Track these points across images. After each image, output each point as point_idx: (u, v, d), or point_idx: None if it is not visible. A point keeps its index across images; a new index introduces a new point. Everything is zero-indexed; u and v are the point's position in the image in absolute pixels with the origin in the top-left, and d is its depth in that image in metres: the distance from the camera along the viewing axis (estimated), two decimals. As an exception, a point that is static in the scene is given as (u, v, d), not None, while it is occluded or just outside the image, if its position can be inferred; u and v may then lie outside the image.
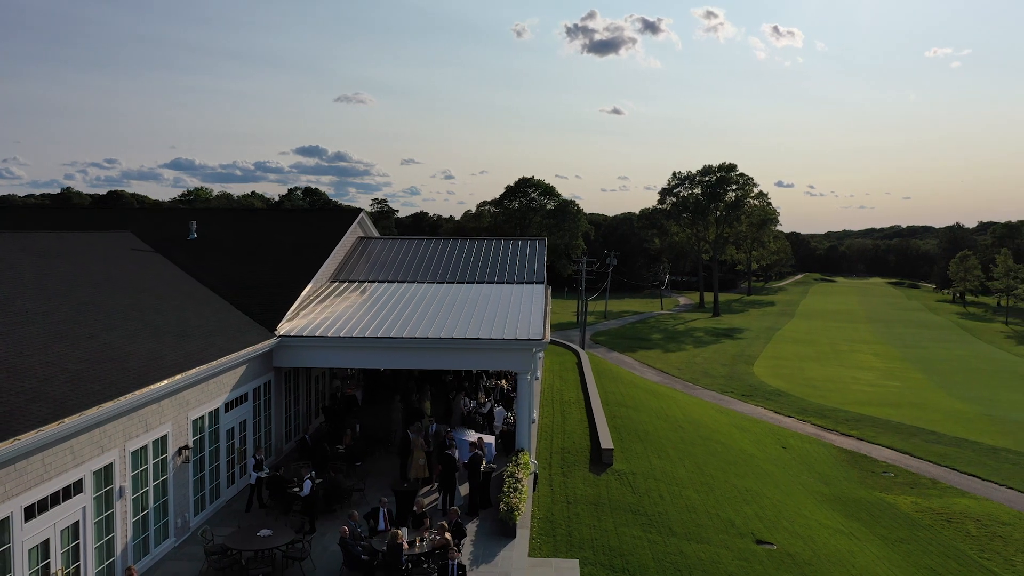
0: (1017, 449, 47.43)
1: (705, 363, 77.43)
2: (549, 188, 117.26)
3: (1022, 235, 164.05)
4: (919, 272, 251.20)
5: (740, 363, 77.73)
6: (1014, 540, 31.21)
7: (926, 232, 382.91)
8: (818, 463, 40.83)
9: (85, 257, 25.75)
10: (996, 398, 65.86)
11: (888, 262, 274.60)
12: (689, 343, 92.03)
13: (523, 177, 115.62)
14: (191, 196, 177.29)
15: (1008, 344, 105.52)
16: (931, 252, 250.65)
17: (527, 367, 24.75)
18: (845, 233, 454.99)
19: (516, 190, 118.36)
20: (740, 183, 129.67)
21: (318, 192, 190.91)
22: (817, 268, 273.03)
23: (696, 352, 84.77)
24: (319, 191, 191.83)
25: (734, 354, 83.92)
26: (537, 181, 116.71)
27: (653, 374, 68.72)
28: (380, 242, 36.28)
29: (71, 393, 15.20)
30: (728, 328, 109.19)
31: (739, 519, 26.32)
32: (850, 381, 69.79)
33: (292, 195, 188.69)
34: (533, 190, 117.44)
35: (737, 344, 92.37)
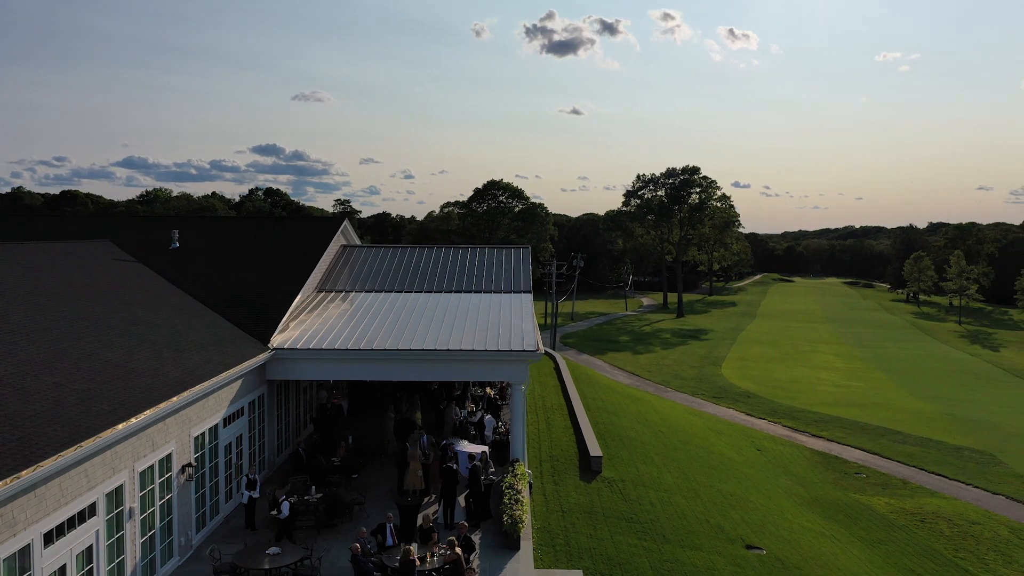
0: (979, 448, 48.97)
1: (674, 365, 78.43)
2: (517, 191, 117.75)
3: (973, 236, 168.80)
4: (873, 272, 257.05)
5: (708, 365, 78.89)
6: (985, 539, 32.31)
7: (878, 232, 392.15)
8: (793, 465, 41.73)
9: (71, 269, 25.34)
10: (955, 397, 67.86)
11: (843, 262, 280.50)
12: (657, 345, 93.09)
13: (491, 180, 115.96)
14: (150, 197, 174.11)
15: (962, 344, 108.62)
16: (885, 252, 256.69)
17: (522, 378, 24.96)
18: (801, 233, 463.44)
19: (484, 192, 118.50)
20: (703, 185, 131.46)
21: (279, 193, 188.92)
22: (775, 268, 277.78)
23: (664, 354, 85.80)
24: (280, 192, 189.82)
25: (701, 356, 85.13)
26: (505, 184, 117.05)
27: (624, 376, 69.42)
28: (363, 250, 36.18)
29: (83, 415, 15.03)
30: (694, 329, 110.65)
31: (727, 524, 26.86)
32: (815, 382, 71.30)
33: (253, 196, 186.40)
34: (501, 192, 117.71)
35: (704, 345, 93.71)
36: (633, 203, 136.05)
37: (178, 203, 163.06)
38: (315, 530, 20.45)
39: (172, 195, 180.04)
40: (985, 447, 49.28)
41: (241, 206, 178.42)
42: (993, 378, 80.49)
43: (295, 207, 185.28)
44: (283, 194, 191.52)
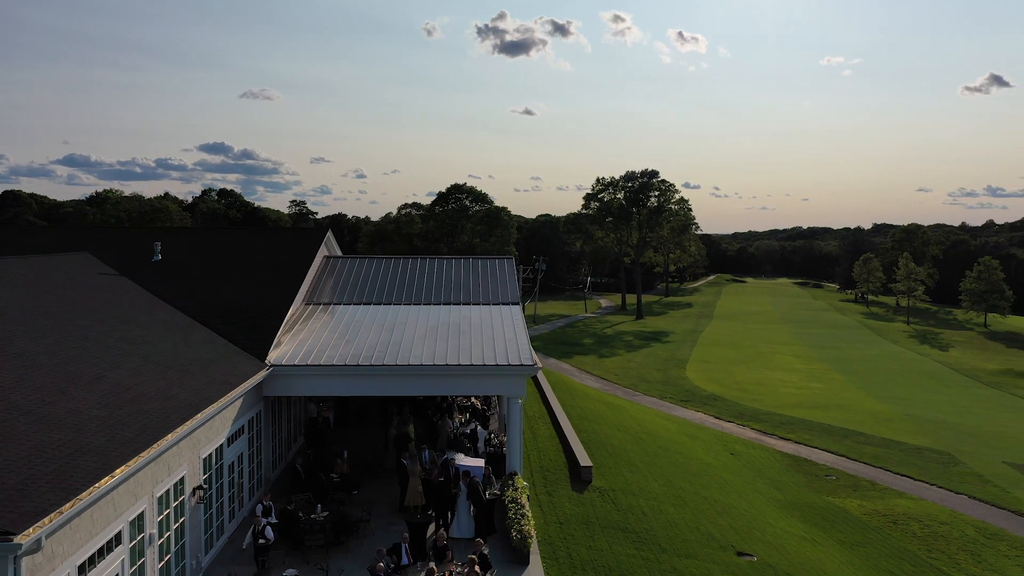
0: (938, 448, 50.78)
1: (640, 368, 79.50)
2: (481, 195, 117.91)
3: (918, 239, 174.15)
4: (822, 272, 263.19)
5: (673, 367, 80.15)
6: (955, 539, 33.63)
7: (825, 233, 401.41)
8: (767, 469, 42.79)
9: (61, 285, 24.92)
10: (911, 397, 70.15)
11: (793, 263, 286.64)
12: (621, 348, 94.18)
13: (455, 184, 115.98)
14: (99, 198, 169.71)
15: (912, 343, 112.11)
16: (833, 253, 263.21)
17: (520, 392, 25.26)
18: (751, 234, 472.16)
19: (447, 196, 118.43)
20: (662, 189, 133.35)
21: (233, 194, 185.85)
22: (728, 269, 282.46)
23: (629, 357, 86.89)
24: (234, 193, 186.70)
25: (665, 358, 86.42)
26: (469, 188, 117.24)
27: (593, 381, 70.16)
28: (347, 261, 36.08)
29: (108, 442, 14.91)
30: (654, 331, 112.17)
31: (717, 531, 27.53)
32: (777, 384, 72.98)
33: (206, 197, 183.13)
34: (464, 196, 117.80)
35: (666, 348, 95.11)
36: (593, 206, 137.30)
37: (129, 204, 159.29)
38: (324, 549, 20.47)
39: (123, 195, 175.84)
40: (944, 447, 51.12)
41: (194, 207, 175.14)
42: (944, 378, 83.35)
43: (250, 209, 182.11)
44: (237, 195, 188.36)
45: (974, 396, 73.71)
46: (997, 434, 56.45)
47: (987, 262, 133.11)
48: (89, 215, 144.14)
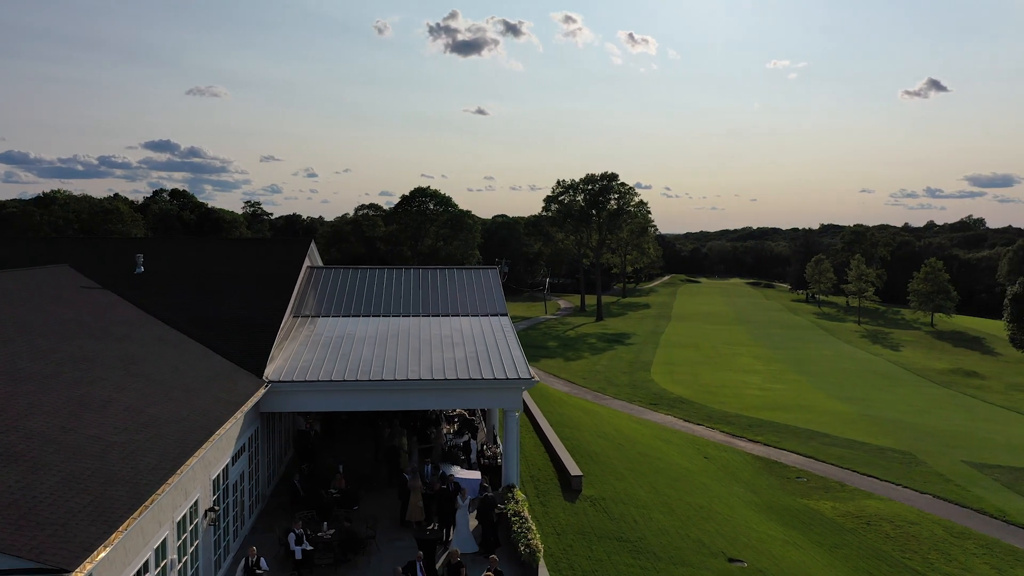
0: (900, 448, 52.46)
1: (606, 371, 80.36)
2: (445, 199, 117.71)
3: (867, 240, 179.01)
4: (773, 272, 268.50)
5: (638, 370, 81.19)
6: (925, 539, 34.90)
7: (775, 233, 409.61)
8: (740, 472, 43.76)
9: (49, 300, 24.43)
10: (868, 398, 72.22)
11: (745, 263, 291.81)
12: (585, 350, 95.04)
13: (418, 187, 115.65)
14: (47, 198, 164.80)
15: (864, 343, 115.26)
16: (783, 254, 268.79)
17: (517, 405, 25.56)
18: (703, 234, 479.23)
19: (411, 199, 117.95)
20: (621, 192, 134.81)
21: (186, 195, 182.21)
22: (682, 269, 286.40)
23: (594, 360, 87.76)
24: (187, 193, 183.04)
25: (630, 361, 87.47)
26: (433, 191, 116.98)
27: (562, 384, 70.73)
28: (331, 272, 35.90)
29: (133, 471, 14.80)
30: (616, 333, 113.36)
31: (706, 538, 28.19)
32: (741, 386, 74.48)
33: (158, 198, 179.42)
34: (428, 199, 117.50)
35: (630, 350, 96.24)
36: (553, 208, 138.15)
37: (79, 205, 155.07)
38: (334, 567, 20.50)
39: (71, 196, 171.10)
40: (905, 447, 52.83)
41: (146, 208, 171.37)
42: (898, 378, 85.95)
43: (204, 210, 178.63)
44: (190, 196, 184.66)
45: (927, 395, 76.20)
46: (953, 433, 58.51)
47: (933, 264, 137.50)
48: (36, 216, 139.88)
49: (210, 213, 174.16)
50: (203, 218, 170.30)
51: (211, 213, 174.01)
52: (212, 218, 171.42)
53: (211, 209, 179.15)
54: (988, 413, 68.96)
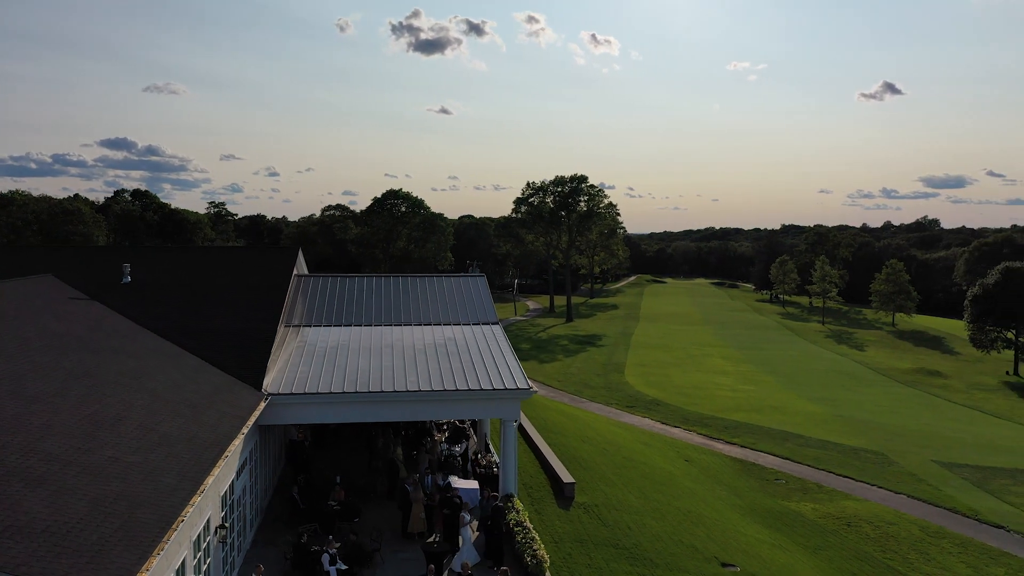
0: (872, 449, 53.71)
1: (580, 373, 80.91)
2: (417, 201, 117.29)
3: (830, 241, 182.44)
4: (737, 272, 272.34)
5: (612, 372, 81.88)
6: (904, 539, 35.85)
7: (737, 234, 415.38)
8: (721, 475, 44.47)
9: (41, 313, 24.06)
10: (838, 398, 73.73)
11: (710, 263, 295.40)
12: (559, 352, 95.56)
13: (390, 189, 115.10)
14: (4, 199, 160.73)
15: (829, 344, 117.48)
16: (746, 254, 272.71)
17: (515, 415, 25.76)
18: (667, 234, 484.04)
19: (383, 202, 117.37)
20: (591, 194, 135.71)
21: (148, 195, 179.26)
22: (648, 269, 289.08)
23: (568, 362, 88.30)
24: (150, 194, 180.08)
25: (603, 363, 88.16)
26: (405, 194, 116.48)
27: (538, 388, 70.97)
28: (318, 280, 35.73)
29: (155, 492, 14.74)
30: (587, 335, 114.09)
31: (698, 543, 28.68)
32: (713, 387, 75.53)
33: (119, 197, 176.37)
34: (400, 202, 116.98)
35: (602, 352, 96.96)
36: (523, 209, 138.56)
37: (38, 206, 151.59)
38: (342, 582, 20.50)
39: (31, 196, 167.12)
40: (877, 447, 54.11)
41: (107, 209, 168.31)
42: (864, 378, 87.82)
43: (167, 211, 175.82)
44: (153, 196, 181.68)
45: (894, 395, 78.01)
46: (922, 433, 60.04)
47: (894, 265, 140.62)
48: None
49: (174, 214, 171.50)
50: (166, 219, 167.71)
51: (175, 214, 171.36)
52: (176, 219, 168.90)
53: (175, 210, 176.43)
54: (953, 412, 70.85)
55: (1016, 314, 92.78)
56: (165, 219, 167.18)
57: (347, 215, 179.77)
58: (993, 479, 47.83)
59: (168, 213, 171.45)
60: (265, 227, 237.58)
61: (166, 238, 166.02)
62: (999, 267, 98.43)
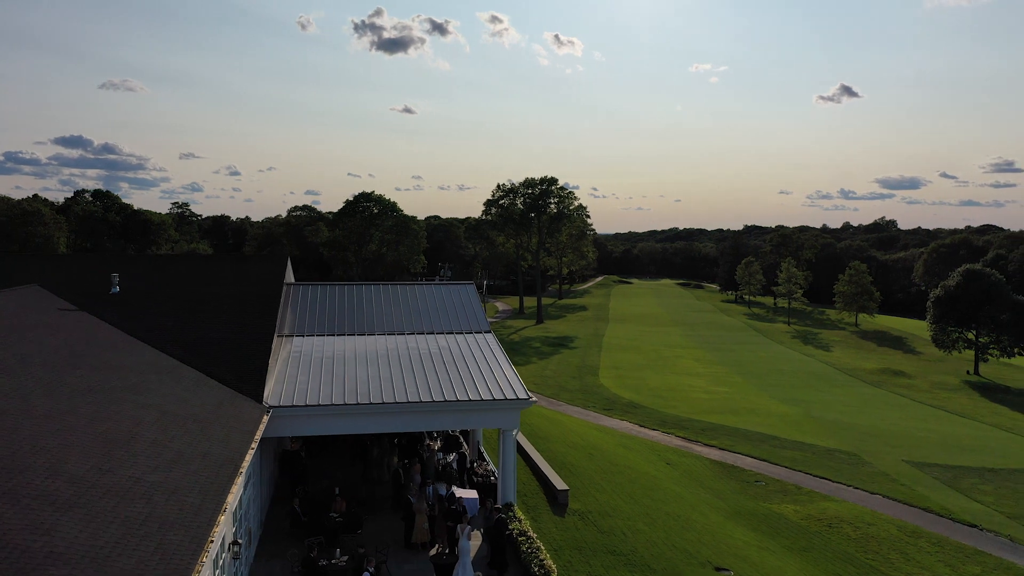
0: (845, 449, 54.90)
1: (555, 376, 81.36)
2: (390, 204, 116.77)
3: (794, 243, 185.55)
4: (702, 273, 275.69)
5: (587, 375, 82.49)
6: (884, 539, 36.78)
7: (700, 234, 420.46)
8: (703, 478, 45.16)
9: (30, 325, 23.72)
10: (809, 399, 75.14)
11: (675, 264, 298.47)
12: (532, 355, 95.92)
13: (362, 192, 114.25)
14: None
15: (796, 344, 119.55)
16: (711, 255, 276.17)
17: (515, 425, 26.02)
18: (632, 235, 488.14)
19: (355, 204, 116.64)
20: (561, 196, 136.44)
21: (110, 196, 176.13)
22: (614, 270, 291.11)
23: (543, 365, 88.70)
24: (111, 194, 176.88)
25: (577, 365, 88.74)
26: (377, 196, 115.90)
27: (515, 391, 71.27)
28: (307, 289, 35.58)
29: (181, 512, 14.72)
30: (559, 336, 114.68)
31: (690, 547, 29.19)
32: (688, 389, 76.50)
33: (79, 198, 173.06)
34: (373, 204, 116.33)
35: (575, 354, 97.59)
36: (494, 212, 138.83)
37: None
38: (351, 595, 20.55)
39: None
40: (850, 448, 55.32)
41: (67, 210, 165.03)
42: (832, 378, 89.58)
43: (130, 211, 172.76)
44: (114, 197, 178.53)
45: (861, 396, 79.71)
46: (891, 433, 61.50)
47: (857, 266, 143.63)
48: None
49: (137, 215, 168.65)
50: (129, 220, 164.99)
51: (138, 215, 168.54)
52: (139, 220, 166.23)
53: (138, 211, 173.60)
54: (919, 412, 72.65)
55: (976, 315, 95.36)
56: (128, 220, 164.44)
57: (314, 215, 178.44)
58: (963, 478, 49.23)
59: (131, 214, 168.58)
60: (229, 228, 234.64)
61: (129, 240, 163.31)
62: (960, 269, 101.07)
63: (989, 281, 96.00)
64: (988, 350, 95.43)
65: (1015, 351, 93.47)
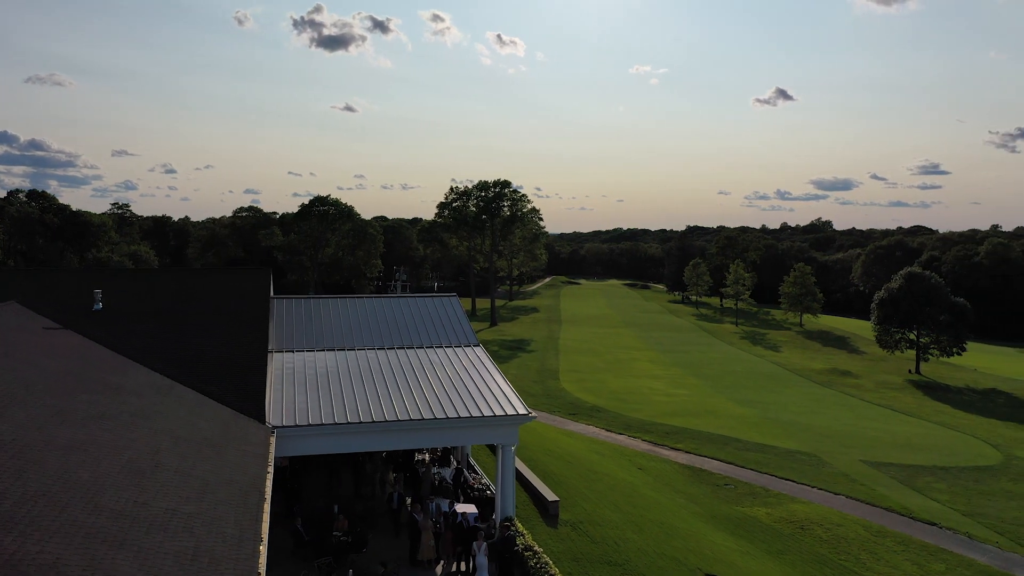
0: (805, 451, 56.67)
1: (517, 380, 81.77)
2: (346, 208, 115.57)
3: (739, 244, 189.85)
4: (648, 274, 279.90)
5: (548, 379, 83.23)
6: (853, 540, 38.23)
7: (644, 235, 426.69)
8: (675, 482, 46.18)
9: (20, 345, 23.18)
10: (764, 400, 77.20)
11: (621, 265, 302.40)
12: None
13: (318, 196, 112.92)
14: None
15: (745, 345, 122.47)
16: (656, 255, 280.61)
17: (514, 440, 26.37)
18: (576, 235, 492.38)
19: (310, 208, 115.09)
20: (514, 199, 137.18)
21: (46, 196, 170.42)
22: (562, 270, 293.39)
23: (503, 368, 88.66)
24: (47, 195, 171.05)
25: (537, 369, 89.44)
26: (333, 200, 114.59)
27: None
28: (291, 303, 35.27)
29: (223, 544, 14.72)
30: (516, 340, 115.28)
31: (679, 555, 29.97)
32: (648, 392, 77.84)
33: (13, 199, 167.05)
34: (330, 208, 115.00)
35: (534, 358, 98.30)
36: (447, 214, 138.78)
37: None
38: (368, 615, 20.65)
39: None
40: (809, 449, 57.13)
41: (1, 211, 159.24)
42: (783, 379, 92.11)
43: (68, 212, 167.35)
44: (51, 198, 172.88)
45: (813, 396, 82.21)
46: (845, 433, 63.66)
47: (802, 268, 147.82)
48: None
49: (75, 216, 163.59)
50: (67, 222, 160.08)
51: (76, 216, 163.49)
52: (78, 221, 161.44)
53: (76, 212, 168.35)
54: (868, 412, 75.29)
55: (917, 316, 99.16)
56: (66, 222, 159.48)
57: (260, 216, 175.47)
58: (917, 477, 51.35)
59: (69, 215, 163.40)
60: (171, 229, 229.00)
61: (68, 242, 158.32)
62: (902, 272, 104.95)
63: (929, 284, 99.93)
64: (929, 350, 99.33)
65: (953, 351, 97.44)
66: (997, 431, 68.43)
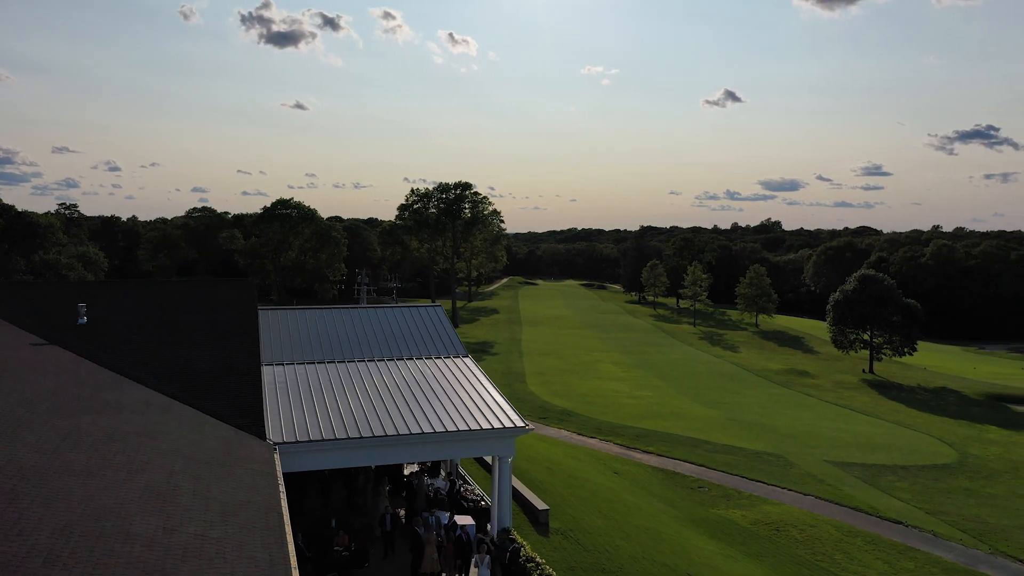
0: (772, 452, 58.04)
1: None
2: (309, 212, 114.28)
3: (695, 245, 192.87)
4: (604, 274, 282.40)
5: (515, 382, 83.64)
6: (827, 540, 39.41)
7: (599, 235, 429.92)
8: (651, 486, 46.97)
9: (12, 363, 22.76)
10: (726, 401, 78.73)
11: (577, 265, 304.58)
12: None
13: (280, 199, 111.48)
14: None
15: (704, 345, 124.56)
16: (612, 256, 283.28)
17: (511, 453, 26.70)
18: (532, 235, 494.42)
19: (272, 211, 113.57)
20: (475, 201, 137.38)
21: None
22: (518, 271, 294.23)
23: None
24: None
25: (503, 372, 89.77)
26: (297, 203, 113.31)
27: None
28: (276, 314, 35.01)
29: (259, 570, 14.75)
30: (479, 342, 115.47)
31: (668, 560, 30.64)
32: (613, 394, 78.78)
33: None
34: (293, 211, 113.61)
35: (499, 360, 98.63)
36: (407, 216, 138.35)
37: None
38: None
39: None
40: (775, 450, 58.52)
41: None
42: (743, 380, 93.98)
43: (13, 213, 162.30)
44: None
45: (773, 396, 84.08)
46: (808, 433, 65.34)
47: (757, 269, 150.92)
48: None
49: (21, 217, 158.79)
50: (13, 223, 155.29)
51: (23, 216, 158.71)
52: (24, 223, 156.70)
53: (22, 213, 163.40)
54: (828, 412, 77.31)
55: (871, 317, 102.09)
56: (12, 223, 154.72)
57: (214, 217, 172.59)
58: (880, 476, 53.02)
59: (15, 216, 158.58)
60: (120, 230, 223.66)
61: (13, 244, 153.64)
62: (856, 274, 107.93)
63: (882, 286, 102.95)
64: (882, 350, 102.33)
65: (905, 351, 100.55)
66: (950, 429, 70.89)
